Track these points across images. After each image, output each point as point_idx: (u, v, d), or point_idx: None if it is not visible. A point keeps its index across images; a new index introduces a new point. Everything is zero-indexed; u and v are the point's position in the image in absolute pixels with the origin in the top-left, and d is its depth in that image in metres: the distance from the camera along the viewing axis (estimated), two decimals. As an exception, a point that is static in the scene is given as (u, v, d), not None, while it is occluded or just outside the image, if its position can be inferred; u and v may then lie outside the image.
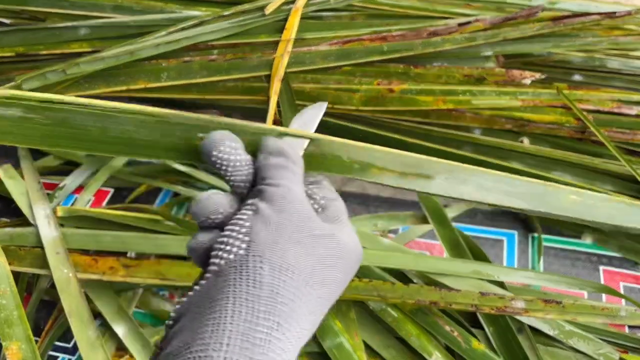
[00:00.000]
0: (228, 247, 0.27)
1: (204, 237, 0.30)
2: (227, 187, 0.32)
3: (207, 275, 0.27)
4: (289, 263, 0.27)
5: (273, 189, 0.30)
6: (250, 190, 0.31)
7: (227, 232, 0.28)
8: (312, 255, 0.28)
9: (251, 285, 0.26)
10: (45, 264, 0.52)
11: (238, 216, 0.29)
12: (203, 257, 0.29)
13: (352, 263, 0.30)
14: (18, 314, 0.47)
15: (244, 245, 0.27)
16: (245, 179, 0.31)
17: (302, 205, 0.29)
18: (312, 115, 0.39)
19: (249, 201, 0.30)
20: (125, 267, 0.53)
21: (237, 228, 0.28)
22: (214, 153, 0.31)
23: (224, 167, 0.31)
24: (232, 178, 0.31)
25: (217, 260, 0.27)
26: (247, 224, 0.28)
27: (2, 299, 0.48)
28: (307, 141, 0.35)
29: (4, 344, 0.45)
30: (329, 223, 0.30)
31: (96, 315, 0.52)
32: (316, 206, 0.31)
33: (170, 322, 0.27)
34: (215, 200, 0.30)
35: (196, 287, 0.27)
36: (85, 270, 0.52)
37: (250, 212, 0.29)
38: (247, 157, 0.32)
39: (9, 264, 0.50)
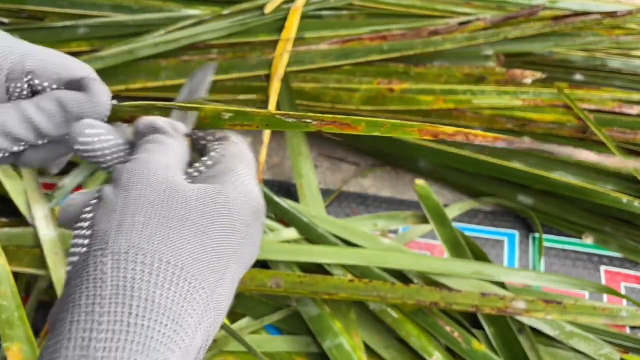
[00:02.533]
0: (74, 249, 0.23)
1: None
2: None
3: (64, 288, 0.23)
4: (135, 244, 0.22)
5: (123, 165, 0.25)
6: None
7: (74, 232, 0.24)
8: (173, 226, 0.23)
9: (92, 287, 0.21)
10: (44, 265, 0.52)
11: (83, 209, 0.24)
12: None
13: (237, 220, 0.25)
14: (19, 315, 0.47)
15: (86, 242, 0.23)
16: None
17: (159, 174, 0.24)
18: (201, 79, 0.35)
19: (94, 189, 0.25)
20: (125, 268, 0.52)
21: (82, 224, 0.23)
22: (75, 147, 0.26)
23: (92, 160, 0.26)
24: (109, 170, 0.27)
25: (68, 269, 0.23)
26: (90, 215, 0.23)
27: (3, 300, 0.47)
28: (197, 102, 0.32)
29: (4, 345, 0.45)
30: (210, 181, 0.25)
31: (96, 316, 0.52)
32: (201, 167, 0.27)
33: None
34: (80, 205, 0.25)
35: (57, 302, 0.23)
36: (84, 271, 0.52)
37: (94, 201, 0.24)
38: (118, 141, 0.27)
39: (8, 264, 0.50)
